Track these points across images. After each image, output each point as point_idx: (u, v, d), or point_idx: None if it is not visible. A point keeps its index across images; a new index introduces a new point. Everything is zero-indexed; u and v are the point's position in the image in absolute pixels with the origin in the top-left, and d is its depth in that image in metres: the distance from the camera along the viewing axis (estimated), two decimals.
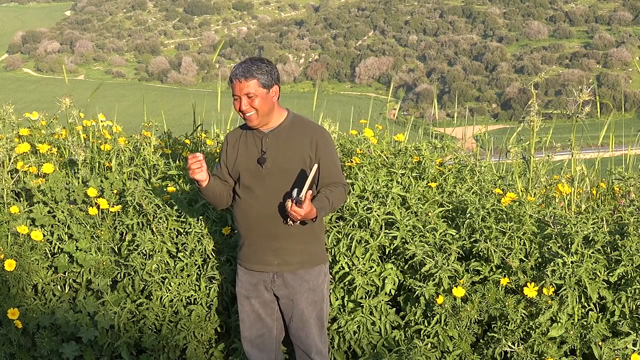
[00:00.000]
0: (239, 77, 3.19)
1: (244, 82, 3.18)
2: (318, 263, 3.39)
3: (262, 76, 3.20)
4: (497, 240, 3.60)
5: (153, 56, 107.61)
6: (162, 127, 5.01)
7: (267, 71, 3.22)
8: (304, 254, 3.33)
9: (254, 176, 3.28)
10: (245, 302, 3.42)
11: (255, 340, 3.45)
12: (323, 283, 3.42)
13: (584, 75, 71.55)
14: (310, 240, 3.35)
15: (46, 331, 3.74)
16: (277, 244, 3.29)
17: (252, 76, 3.19)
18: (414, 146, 4.43)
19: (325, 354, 3.47)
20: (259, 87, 3.20)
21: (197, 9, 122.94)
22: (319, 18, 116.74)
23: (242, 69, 3.20)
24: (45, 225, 4.01)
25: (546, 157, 4.26)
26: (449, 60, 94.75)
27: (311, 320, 3.38)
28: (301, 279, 3.32)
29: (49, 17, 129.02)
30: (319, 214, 3.15)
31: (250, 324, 3.43)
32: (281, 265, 3.31)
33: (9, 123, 4.61)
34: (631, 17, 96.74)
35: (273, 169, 3.25)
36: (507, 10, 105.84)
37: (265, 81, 3.21)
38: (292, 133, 3.29)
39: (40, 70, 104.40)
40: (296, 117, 3.37)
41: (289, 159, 3.25)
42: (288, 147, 3.26)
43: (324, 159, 3.27)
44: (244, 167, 3.31)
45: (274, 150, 3.27)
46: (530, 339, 3.45)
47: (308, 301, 3.35)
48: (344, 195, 3.32)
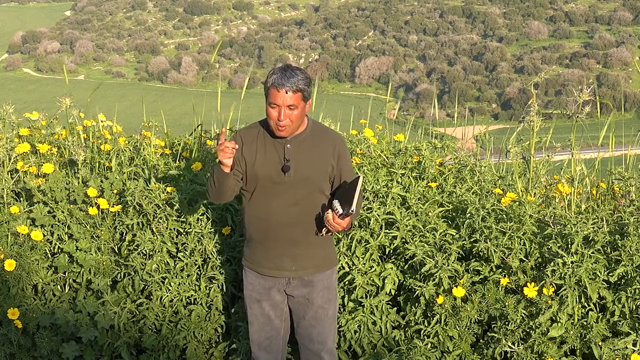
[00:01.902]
0: (285, 87, 3.06)
1: (290, 93, 3.06)
2: (332, 265, 3.42)
3: (306, 88, 3.12)
4: (497, 240, 3.60)
5: (153, 56, 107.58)
6: (162, 127, 5.01)
7: (309, 84, 3.15)
8: (319, 258, 3.35)
9: (275, 183, 3.23)
10: (256, 305, 3.39)
11: (263, 342, 3.44)
12: (335, 281, 3.46)
13: (584, 75, 71.50)
14: (325, 244, 3.37)
15: (46, 331, 3.74)
16: (296, 250, 3.28)
17: (299, 89, 3.08)
18: (414, 146, 4.43)
19: (335, 355, 3.49)
20: (301, 100, 3.12)
21: (197, 9, 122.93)
22: (319, 18, 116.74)
23: (290, 80, 3.07)
24: (45, 225, 4.01)
25: (546, 157, 4.26)
26: (449, 60, 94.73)
27: (326, 319, 3.39)
28: (317, 278, 3.35)
29: (49, 17, 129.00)
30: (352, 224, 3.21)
31: (260, 327, 3.42)
32: (298, 270, 3.31)
33: (9, 123, 4.61)
34: (631, 17, 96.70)
35: (295, 177, 3.22)
36: (507, 10, 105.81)
37: (307, 94, 3.15)
38: (314, 141, 3.26)
39: (40, 70, 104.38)
40: (316, 124, 3.34)
41: (311, 167, 3.23)
42: (311, 156, 3.23)
43: (345, 167, 3.30)
44: (263, 173, 3.23)
45: (297, 158, 3.22)
46: (530, 339, 3.45)
47: (324, 299, 3.37)
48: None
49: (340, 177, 3.28)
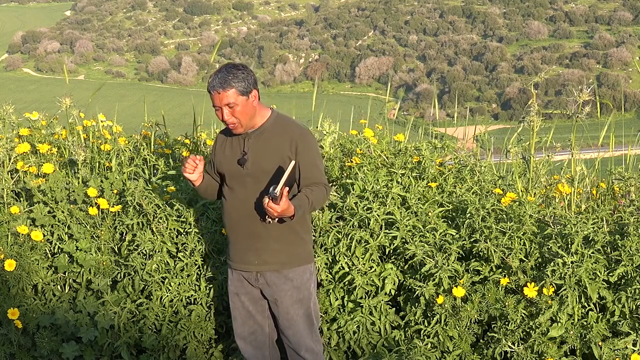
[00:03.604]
0: (217, 89, 3.15)
1: (222, 92, 3.14)
2: (301, 264, 3.36)
3: (240, 84, 3.15)
4: (497, 240, 3.60)
5: (153, 56, 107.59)
6: (162, 127, 5.01)
7: (243, 78, 3.17)
8: (284, 254, 3.31)
9: (235, 177, 3.30)
10: (236, 298, 3.45)
11: (247, 337, 3.48)
12: (309, 281, 3.39)
13: (584, 75, 71.53)
14: (291, 241, 3.32)
15: (46, 331, 3.74)
16: (257, 244, 3.30)
17: (230, 85, 3.14)
18: (414, 146, 4.43)
19: (317, 352, 3.45)
20: (238, 96, 3.16)
21: (197, 9, 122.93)
22: (319, 18, 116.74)
23: (219, 80, 3.15)
24: (45, 225, 4.01)
25: (546, 157, 4.26)
26: (449, 60, 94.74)
27: (298, 319, 3.37)
28: (285, 277, 3.32)
29: (49, 17, 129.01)
30: (297, 211, 3.10)
31: (242, 320, 3.46)
32: (261, 265, 3.31)
33: (9, 123, 4.61)
34: (631, 17, 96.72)
35: (253, 169, 3.25)
36: (507, 10, 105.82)
37: (243, 88, 3.17)
38: (272, 134, 3.29)
39: (40, 70, 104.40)
40: (279, 118, 3.34)
41: (268, 160, 3.24)
42: (268, 148, 3.26)
43: (303, 160, 3.23)
44: (226, 168, 3.34)
45: (255, 151, 3.27)
46: (530, 339, 3.45)
47: (293, 299, 3.34)
48: (324, 196, 3.28)
49: (298, 170, 3.23)
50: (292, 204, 3.07)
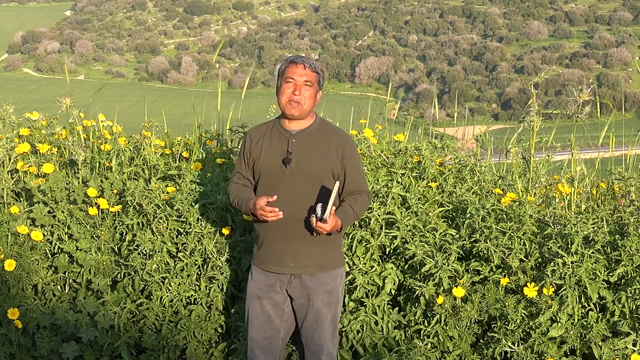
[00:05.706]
0: (305, 63, 3.24)
1: (307, 69, 3.25)
2: (335, 267, 3.38)
3: (321, 75, 3.33)
4: (497, 240, 3.60)
5: (153, 56, 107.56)
6: (163, 127, 5.01)
7: (324, 76, 3.38)
8: (321, 257, 3.31)
9: (277, 176, 3.26)
10: (256, 302, 3.38)
11: (262, 342, 3.40)
12: (339, 286, 3.40)
13: (584, 75, 71.54)
14: (328, 244, 3.33)
15: (46, 331, 3.75)
16: (296, 246, 3.28)
17: (316, 70, 3.28)
18: (414, 146, 4.43)
19: (335, 357, 3.46)
20: (316, 81, 3.29)
21: (197, 9, 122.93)
22: (319, 18, 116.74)
23: (308, 60, 3.27)
24: (45, 225, 4.01)
25: (546, 157, 4.26)
26: (449, 60, 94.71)
27: (325, 323, 3.37)
28: (318, 281, 3.31)
29: (49, 17, 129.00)
30: (344, 224, 3.18)
31: (260, 325, 3.39)
32: (297, 268, 3.30)
33: (9, 123, 4.61)
34: (631, 17, 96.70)
35: (297, 170, 3.23)
36: (507, 10, 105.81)
37: (321, 80, 3.33)
38: (319, 137, 3.30)
39: (40, 70, 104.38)
40: (324, 122, 3.40)
41: (314, 163, 3.24)
42: (314, 151, 3.26)
43: (348, 166, 3.29)
44: (266, 166, 3.29)
45: (300, 152, 3.25)
46: (530, 339, 3.45)
47: (324, 303, 3.34)
48: (367, 203, 3.36)
49: (345, 175, 3.29)
50: (339, 219, 3.12)
